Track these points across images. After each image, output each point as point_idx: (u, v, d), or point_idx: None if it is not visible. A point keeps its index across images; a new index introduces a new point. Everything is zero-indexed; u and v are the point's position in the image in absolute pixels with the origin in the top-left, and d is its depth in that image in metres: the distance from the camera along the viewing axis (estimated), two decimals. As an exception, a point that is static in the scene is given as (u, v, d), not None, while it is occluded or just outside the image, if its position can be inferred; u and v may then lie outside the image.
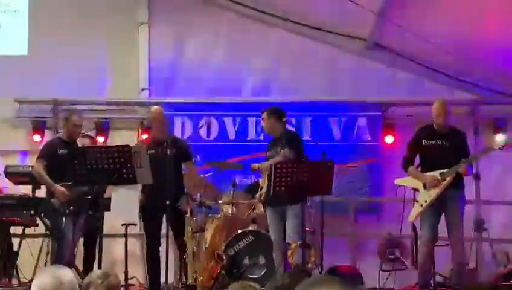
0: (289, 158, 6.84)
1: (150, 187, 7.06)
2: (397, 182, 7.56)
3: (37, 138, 9.39)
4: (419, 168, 7.32)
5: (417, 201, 7.17)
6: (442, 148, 7.13)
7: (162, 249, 6.96)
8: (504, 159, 8.76)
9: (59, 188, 7.18)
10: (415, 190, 7.28)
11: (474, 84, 9.57)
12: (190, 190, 7.49)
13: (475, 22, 8.54)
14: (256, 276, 7.40)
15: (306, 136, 9.07)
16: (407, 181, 7.39)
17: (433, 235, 7.09)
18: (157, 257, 7.17)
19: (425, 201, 7.09)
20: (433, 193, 7.06)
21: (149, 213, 7.35)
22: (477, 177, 8.86)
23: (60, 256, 7.14)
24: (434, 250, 7.20)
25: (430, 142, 7.19)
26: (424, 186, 7.13)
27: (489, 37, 8.65)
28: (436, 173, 7.09)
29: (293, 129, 8.68)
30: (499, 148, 7.19)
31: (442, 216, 7.12)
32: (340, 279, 2.43)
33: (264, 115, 7.30)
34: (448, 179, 7.02)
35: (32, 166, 7.70)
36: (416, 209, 7.17)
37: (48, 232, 7.97)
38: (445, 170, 7.03)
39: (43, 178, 7.35)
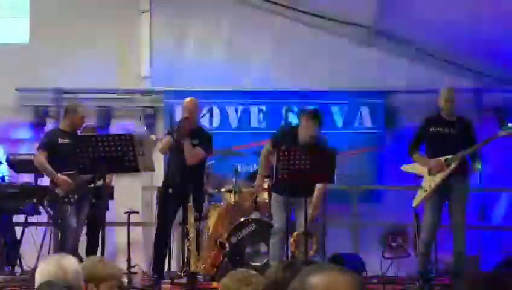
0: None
1: (172, 173, 7.06)
2: (403, 168, 7.52)
3: (38, 126, 9.38)
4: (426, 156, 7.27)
5: (421, 187, 7.15)
6: (448, 135, 7.08)
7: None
8: (508, 146, 8.73)
9: (62, 177, 7.17)
10: (419, 176, 7.26)
11: (477, 71, 9.54)
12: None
13: (478, 8, 8.50)
14: (258, 264, 7.41)
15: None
16: (413, 167, 7.35)
17: (434, 222, 7.05)
18: (166, 243, 7.13)
19: (430, 186, 7.06)
20: (438, 177, 7.01)
21: (168, 197, 7.23)
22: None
23: (63, 245, 7.15)
24: (436, 237, 7.18)
25: (437, 129, 7.11)
26: (429, 172, 7.07)
27: (492, 24, 8.61)
28: (441, 159, 7.04)
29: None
30: (502, 136, 7.16)
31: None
32: (342, 266, 2.43)
33: (314, 120, 7.04)
34: (452, 165, 7.01)
35: (34, 155, 7.68)
36: (420, 195, 7.15)
37: (50, 221, 7.97)
38: (450, 156, 7.00)
39: (45, 168, 7.33)
